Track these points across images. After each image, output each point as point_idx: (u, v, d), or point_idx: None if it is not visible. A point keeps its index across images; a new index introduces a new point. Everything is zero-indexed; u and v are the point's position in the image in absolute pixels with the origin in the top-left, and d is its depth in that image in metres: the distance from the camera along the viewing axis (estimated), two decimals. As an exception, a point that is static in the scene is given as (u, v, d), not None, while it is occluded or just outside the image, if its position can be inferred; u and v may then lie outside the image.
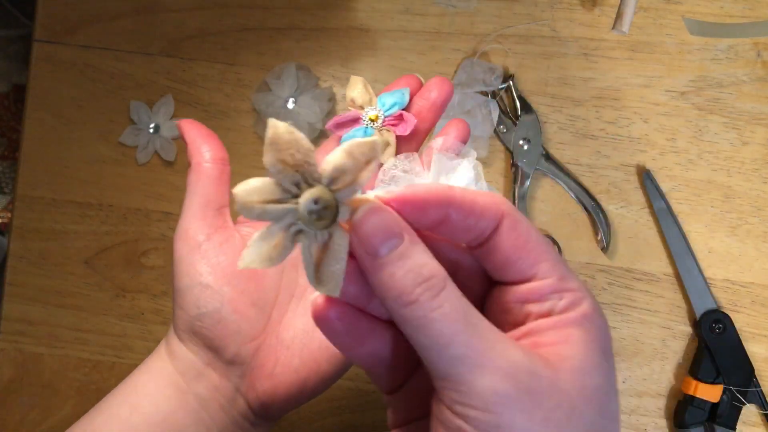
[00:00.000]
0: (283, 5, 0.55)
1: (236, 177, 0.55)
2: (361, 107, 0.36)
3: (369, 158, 0.21)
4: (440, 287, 0.22)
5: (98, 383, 0.55)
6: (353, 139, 0.22)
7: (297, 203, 0.22)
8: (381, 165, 0.34)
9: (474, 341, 0.21)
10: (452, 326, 0.21)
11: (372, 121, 0.36)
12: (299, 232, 0.22)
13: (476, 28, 0.54)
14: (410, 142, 0.36)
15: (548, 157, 0.53)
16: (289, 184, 0.22)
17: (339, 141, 0.36)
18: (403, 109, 0.36)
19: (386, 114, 0.35)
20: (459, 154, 0.34)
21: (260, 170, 0.54)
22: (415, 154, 0.34)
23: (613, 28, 0.48)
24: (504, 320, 0.25)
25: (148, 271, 0.55)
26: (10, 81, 0.84)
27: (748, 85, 0.52)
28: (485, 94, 0.53)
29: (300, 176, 0.22)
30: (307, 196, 0.21)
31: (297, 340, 0.34)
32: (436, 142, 0.35)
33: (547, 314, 0.23)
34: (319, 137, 0.54)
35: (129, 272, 0.55)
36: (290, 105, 0.53)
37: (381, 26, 0.55)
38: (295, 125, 0.22)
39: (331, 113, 0.54)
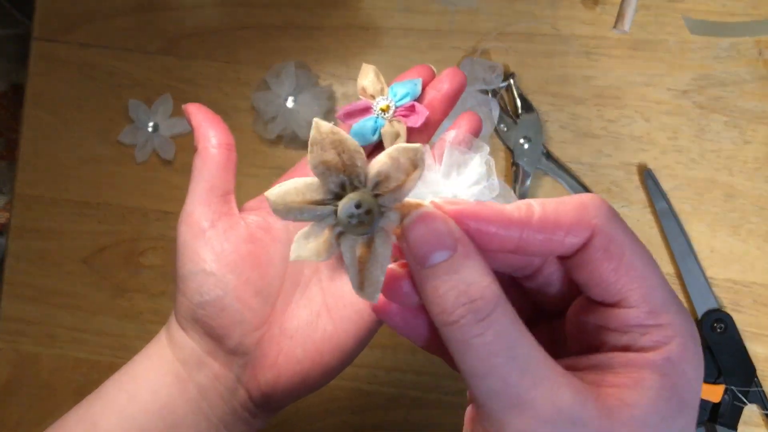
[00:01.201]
0: (282, 3, 0.55)
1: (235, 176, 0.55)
2: (372, 97, 0.36)
3: (415, 163, 0.20)
4: (486, 311, 0.20)
5: (96, 383, 0.54)
6: (399, 144, 0.21)
7: (336, 205, 0.21)
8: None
9: (514, 377, 0.19)
10: (492, 358, 0.19)
11: (383, 111, 0.35)
12: (341, 234, 0.22)
13: (477, 26, 0.54)
14: (421, 134, 0.36)
15: (549, 156, 0.52)
16: (334, 185, 0.21)
17: (349, 130, 0.36)
18: (414, 100, 0.35)
19: (397, 104, 0.35)
20: (471, 148, 0.34)
21: (260, 168, 0.54)
22: (427, 147, 0.34)
23: (615, 26, 0.48)
24: (580, 339, 0.22)
25: (146, 271, 0.55)
26: (8, 80, 0.84)
27: (750, 83, 0.52)
28: (486, 92, 0.52)
29: (346, 177, 0.21)
30: (346, 200, 0.21)
31: (300, 331, 0.34)
32: (448, 135, 0.34)
33: (625, 348, 0.21)
34: (318, 136, 0.54)
35: (127, 272, 0.55)
36: (290, 103, 0.53)
37: (381, 24, 0.54)
38: (336, 125, 0.22)
39: (330, 112, 0.54)
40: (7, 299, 0.55)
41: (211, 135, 0.35)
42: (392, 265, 0.22)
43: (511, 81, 0.53)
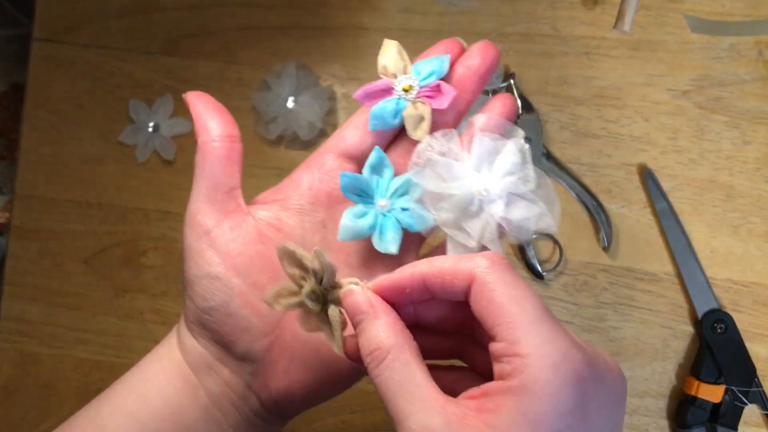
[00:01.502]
0: (282, 4, 0.55)
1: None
2: (394, 75, 0.32)
3: (332, 269, 0.28)
4: (381, 358, 0.25)
5: (97, 383, 0.55)
6: (316, 250, 0.27)
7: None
8: (416, 143, 0.32)
9: (400, 405, 0.24)
10: (386, 392, 0.25)
11: (405, 91, 0.32)
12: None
13: (477, 26, 0.54)
14: (448, 116, 0.33)
15: (549, 156, 0.53)
16: (298, 282, 0.29)
17: (369, 112, 0.33)
18: (441, 79, 0.32)
19: (422, 84, 0.32)
20: (504, 134, 0.31)
21: (260, 169, 0.54)
22: (454, 132, 0.31)
23: (615, 26, 0.48)
24: (493, 371, 0.25)
25: (147, 271, 0.55)
26: (8, 80, 0.84)
27: (750, 83, 0.52)
28: (486, 92, 0.53)
29: (304, 276, 0.29)
30: (304, 292, 0.28)
31: (314, 337, 0.32)
32: (479, 120, 0.31)
33: (498, 377, 0.24)
34: (319, 136, 0.54)
35: (128, 272, 0.55)
36: (290, 104, 0.53)
37: (381, 25, 0.54)
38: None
39: (331, 112, 0.54)
40: (8, 299, 0.55)
41: (211, 127, 0.32)
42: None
43: (511, 81, 0.53)
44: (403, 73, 0.32)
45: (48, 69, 0.56)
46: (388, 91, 0.32)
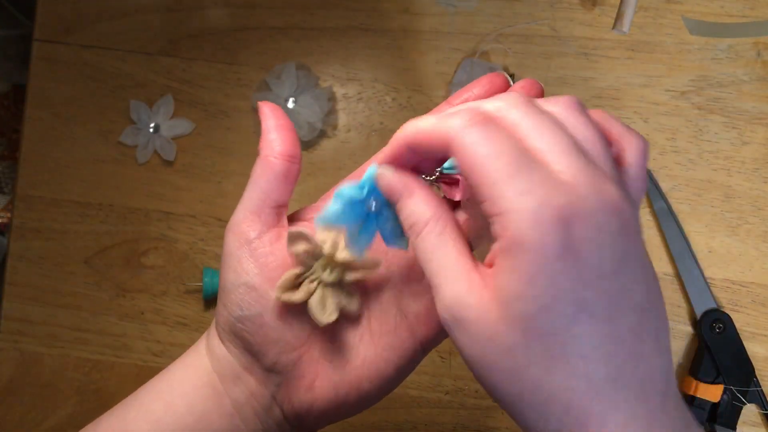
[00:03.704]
0: (283, 5, 0.55)
1: (236, 176, 0.55)
2: None
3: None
4: (418, 231, 0.27)
5: (98, 383, 0.55)
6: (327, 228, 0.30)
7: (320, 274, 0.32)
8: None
9: (434, 276, 0.26)
10: (423, 263, 0.27)
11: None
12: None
13: (476, 27, 0.54)
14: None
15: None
16: (306, 261, 0.32)
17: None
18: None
19: (444, 170, 0.32)
20: None
21: (260, 170, 0.54)
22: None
23: (614, 27, 0.48)
24: None
25: (148, 271, 0.55)
26: (9, 81, 0.84)
27: (749, 84, 0.52)
28: (485, 93, 0.53)
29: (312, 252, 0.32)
30: (318, 265, 0.32)
31: (341, 355, 0.33)
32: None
33: (495, 237, 0.25)
34: (319, 136, 0.54)
35: (129, 272, 0.55)
36: (290, 104, 0.53)
37: (381, 26, 0.55)
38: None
39: (331, 112, 0.54)
40: (9, 299, 0.55)
41: (276, 143, 0.33)
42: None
43: (511, 82, 0.53)
44: None
45: (49, 69, 0.56)
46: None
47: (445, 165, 0.32)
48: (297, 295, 0.31)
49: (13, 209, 0.56)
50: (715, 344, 0.50)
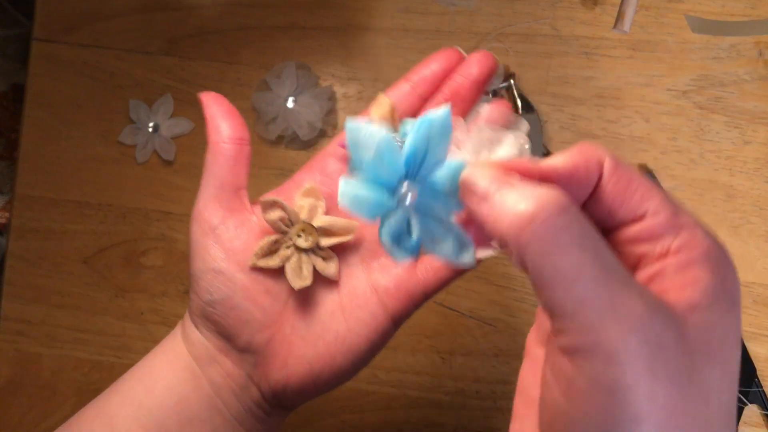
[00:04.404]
0: (282, 4, 0.55)
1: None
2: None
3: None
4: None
5: (97, 383, 0.55)
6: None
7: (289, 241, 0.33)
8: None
9: (605, 280, 0.20)
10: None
11: None
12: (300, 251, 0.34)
13: (477, 26, 0.54)
14: None
15: (549, 156, 0.52)
16: (280, 228, 0.33)
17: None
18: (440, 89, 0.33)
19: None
20: (508, 126, 0.29)
21: (260, 169, 0.54)
22: (461, 120, 0.29)
23: (615, 26, 0.48)
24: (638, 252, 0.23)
25: (147, 271, 0.55)
26: (8, 80, 0.84)
27: (750, 83, 0.52)
28: (486, 93, 0.53)
29: (287, 219, 0.33)
30: (294, 230, 0.33)
31: (312, 331, 0.33)
32: (484, 109, 0.30)
33: (664, 255, 0.21)
34: (319, 136, 0.54)
35: (128, 272, 0.55)
36: (290, 104, 0.53)
37: (381, 25, 0.54)
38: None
39: (331, 112, 0.54)
40: (8, 299, 0.55)
41: (222, 128, 0.34)
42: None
43: (511, 81, 0.53)
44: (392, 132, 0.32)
45: (48, 69, 0.56)
46: None
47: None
48: (273, 261, 0.32)
49: (12, 209, 0.56)
50: (717, 344, 0.50)
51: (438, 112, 0.23)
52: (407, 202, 0.24)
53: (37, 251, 0.55)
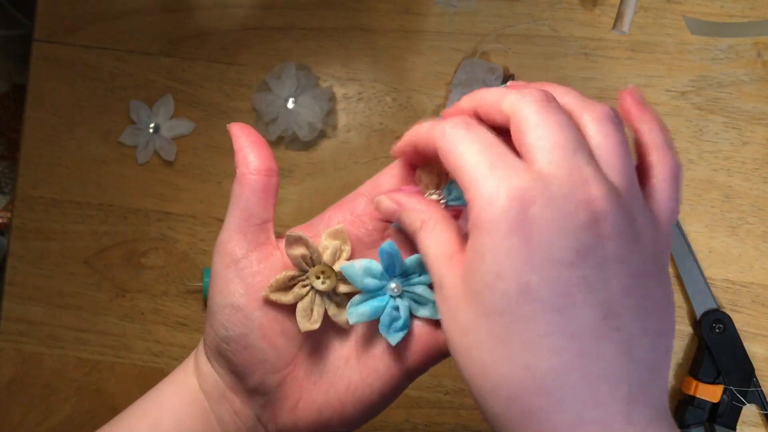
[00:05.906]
0: (283, 5, 0.55)
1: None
2: (426, 187, 0.33)
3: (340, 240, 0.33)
4: (417, 230, 0.29)
5: (98, 383, 0.55)
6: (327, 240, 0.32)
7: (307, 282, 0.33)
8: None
9: (430, 263, 0.28)
10: (424, 258, 0.29)
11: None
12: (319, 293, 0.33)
13: (476, 27, 0.54)
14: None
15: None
16: (302, 265, 0.32)
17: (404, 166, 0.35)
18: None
19: (449, 203, 0.33)
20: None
21: (260, 170, 0.54)
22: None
23: (614, 27, 0.48)
24: None
25: (147, 271, 0.55)
26: (9, 81, 0.84)
27: (749, 84, 0.52)
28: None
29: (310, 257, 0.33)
30: (314, 271, 0.32)
31: (325, 377, 0.33)
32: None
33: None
34: (319, 136, 0.54)
35: (129, 272, 0.55)
36: (290, 105, 0.53)
37: (381, 26, 0.55)
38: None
39: (331, 113, 0.54)
40: (9, 299, 0.55)
41: (251, 159, 0.33)
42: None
43: (511, 82, 0.53)
44: (435, 188, 0.33)
45: (48, 70, 0.56)
46: (417, 193, 0.34)
47: (450, 197, 0.32)
48: (286, 297, 0.31)
49: (13, 209, 0.56)
50: (715, 344, 0.50)
51: (385, 246, 0.31)
52: (394, 295, 0.32)
53: (38, 251, 0.56)
